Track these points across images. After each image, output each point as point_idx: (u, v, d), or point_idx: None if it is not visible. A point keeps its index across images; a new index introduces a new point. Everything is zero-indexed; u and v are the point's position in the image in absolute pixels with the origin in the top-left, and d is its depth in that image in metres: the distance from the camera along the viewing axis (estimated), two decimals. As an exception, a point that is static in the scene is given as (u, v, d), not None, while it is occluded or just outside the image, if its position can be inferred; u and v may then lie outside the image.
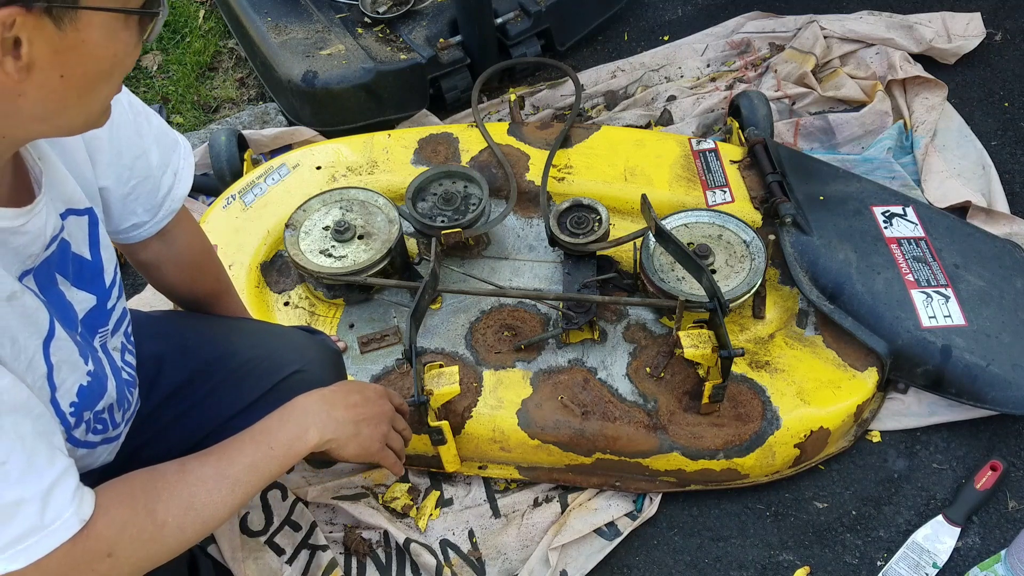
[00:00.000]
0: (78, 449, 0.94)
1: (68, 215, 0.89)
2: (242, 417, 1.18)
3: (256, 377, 1.20)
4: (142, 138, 1.02)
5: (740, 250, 1.60)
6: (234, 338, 1.25)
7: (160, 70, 2.57)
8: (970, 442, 1.56)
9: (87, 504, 0.80)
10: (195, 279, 1.25)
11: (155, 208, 1.08)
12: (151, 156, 1.04)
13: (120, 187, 1.02)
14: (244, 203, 1.81)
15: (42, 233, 0.82)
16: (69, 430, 0.89)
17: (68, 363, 0.85)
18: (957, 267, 1.62)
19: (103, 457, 1.02)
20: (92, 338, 0.94)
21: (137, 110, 1.03)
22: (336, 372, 1.32)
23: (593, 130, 1.91)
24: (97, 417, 0.95)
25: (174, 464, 0.92)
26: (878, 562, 1.43)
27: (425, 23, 2.25)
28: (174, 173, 1.08)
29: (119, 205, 1.04)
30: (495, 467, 1.55)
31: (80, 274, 0.92)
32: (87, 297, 0.93)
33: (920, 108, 2.06)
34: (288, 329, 1.35)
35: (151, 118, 1.05)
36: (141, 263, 1.19)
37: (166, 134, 1.08)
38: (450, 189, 1.70)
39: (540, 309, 1.64)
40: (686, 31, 2.41)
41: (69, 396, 0.87)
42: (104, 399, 0.94)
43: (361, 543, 1.49)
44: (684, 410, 1.48)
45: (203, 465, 0.93)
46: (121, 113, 0.99)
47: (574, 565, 1.45)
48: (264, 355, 1.23)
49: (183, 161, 1.10)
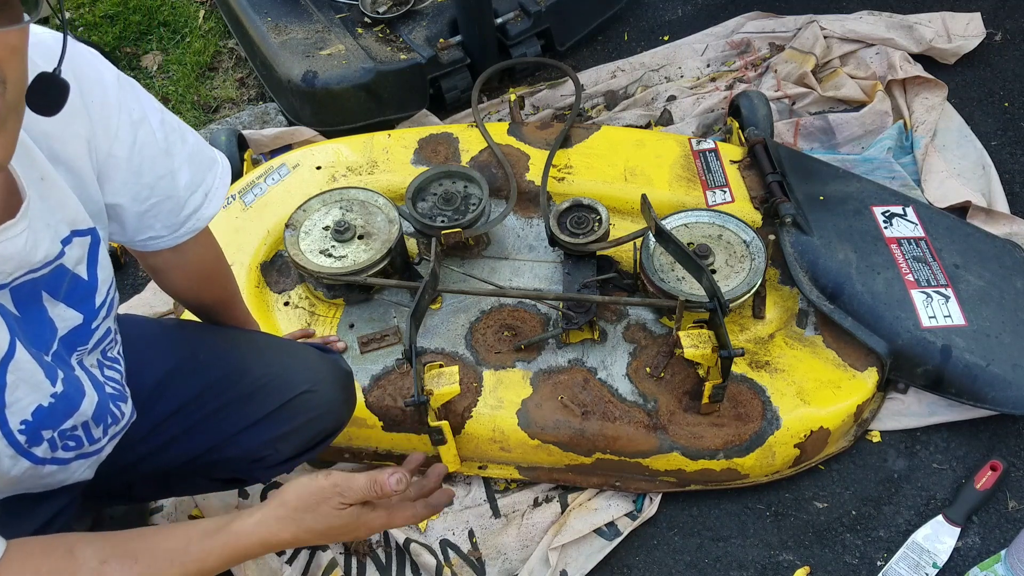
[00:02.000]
0: (44, 467, 0.91)
1: (73, 237, 0.87)
2: (245, 434, 1.18)
3: (265, 395, 1.19)
4: (171, 158, 1.00)
5: (740, 250, 1.60)
6: (247, 354, 1.24)
7: (160, 70, 2.57)
8: (970, 442, 1.56)
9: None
10: (203, 287, 1.24)
11: (176, 226, 1.05)
12: (179, 176, 1.01)
13: (136, 205, 0.99)
14: (244, 203, 1.81)
15: (19, 257, 0.79)
16: (19, 448, 0.86)
17: (27, 383, 0.83)
18: (957, 267, 1.62)
19: (80, 472, 0.99)
20: (69, 355, 0.92)
21: (170, 128, 1.00)
22: (346, 393, 1.32)
23: (593, 130, 1.91)
24: (66, 434, 0.92)
25: (95, 560, 0.83)
26: (878, 562, 1.43)
27: (425, 23, 2.25)
28: (205, 193, 1.05)
29: (135, 220, 1.01)
30: (495, 467, 1.55)
31: (73, 293, 0.90)
32: (74, 316, 0.90)
33: (920, 108, 2.06)
34: (301, 347, 1.32)
35: (186, 136, 1.03)
36: (151, 266, 1.18)
37: (202, 153, 1.05)
38: (450, 189, 1.70)
39: (540, 309, 1.64)
40: (686, 31, 2.41)
41: (21, 415, 0.84)
42: (74, 417, 0.91)
43: (361, 543, 1.49)
44: (684, 410, 1.48)
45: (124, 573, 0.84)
46: (148, 132, 0.96)
47: (574, 565, 1.45)
48: (275, 372, 1.21)
49: (218, 180, 1.07)
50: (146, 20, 2.68)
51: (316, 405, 1.22)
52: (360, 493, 0.93)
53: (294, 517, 0.92)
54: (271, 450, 1.19)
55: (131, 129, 0.95)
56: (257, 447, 1.19)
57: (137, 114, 0.96)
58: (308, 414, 1.21)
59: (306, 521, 0.92)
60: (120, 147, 0.94)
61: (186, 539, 0.89)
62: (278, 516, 0.92)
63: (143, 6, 2.71)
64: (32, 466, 0.89)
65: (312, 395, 1.21)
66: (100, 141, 0.92)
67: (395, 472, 0.94)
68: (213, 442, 1.17)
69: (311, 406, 1.21)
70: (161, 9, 2.71)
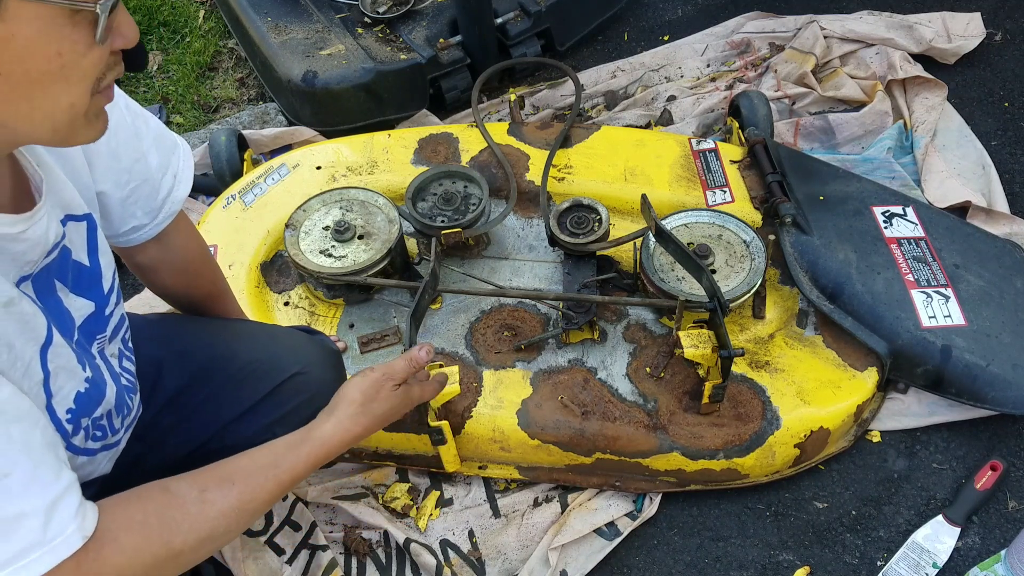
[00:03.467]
0: (78, 457, 0.93)
1: (68, 221, 0.88)
2: (241, 421, 1.18)
3: (256, 380, 1.19)
4: (140, 140, 1.02)
5: (740, 250, 1.60)
6: (233, 341, 1.25)
7: (160, 70, 2.57)
8: (970, 442, 1.56)
9: (90, 520, 0.78)
10: (191, 283, 1.25)
11: (155, 211, 1.08)
12: (150, 159, 1.04)
13: (119, 191, 1.01)
14: (244, 203, 1.81)
15: (42, 240, 0.82)
16: (67, 437, 0.88)
17: (66, 370, 0.85)
18: (957, 267, 1.62)
19: (103, 466, 1.01)
20: (90, 345, 0.94)
21: (135, 112, 1.02)
22: (336, 372, 1.32)
23: (593, 130, 1.91)
24: (96, 424, 0.94)
25: (193, 490, 0.88)
26: (878, 562, 1.43)
27: (425, 23, 2.25)
28: (174, 175, 1.08)
29: (118, 208, 1.03)
30: (495, 467, 1.55)
31: (79, 280, 0.91)
32: (85, 304, 0.92)
33: (920, 108, 2.06)
34: (287, 330, 1.35)
35: (149, 120, 1.05)
36: (138, 266, 1.19)
37: (165, 136, 1.07)
38: (450, 189, 1.70)
39: (540, 309, 1.64)
40: (686, 31, 2.41)
41: (66, 403, 0.86)
42: (102, 405, 0.93)
43: (361, 543, 1.49)
44: (684, 410, 1.48)
45: (226, 497, 0.90)
46: (119, 116, 0.98)
47: (574, 565, 1.45)
48: (264, 358, 1.22)
49: (182, 163, 1.09)
50: (146, 20, 2.68)
51: (308, 386, 1.22)
52: (404, 371, 1.11)
53: (364, 410, 1.05)
54: (269, 435, 1.18)
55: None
56: (254, 433, 1.19)
57: None
58: (301, 396, 1.21)
59: (373, 409, 1.06)
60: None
61: (273, 455, 0.97)
62: (350, 414, 1.04)
63: (143, 6, 2.70)
64: (72, 456, 0.90)
65: (303, 376, 1.22)
66: None
67: (422, 347, 1.16)
68: (210, 431, 1.17)
69: (303, 388, 1.21)
70: (161, 9, 2.71)
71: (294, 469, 0.97)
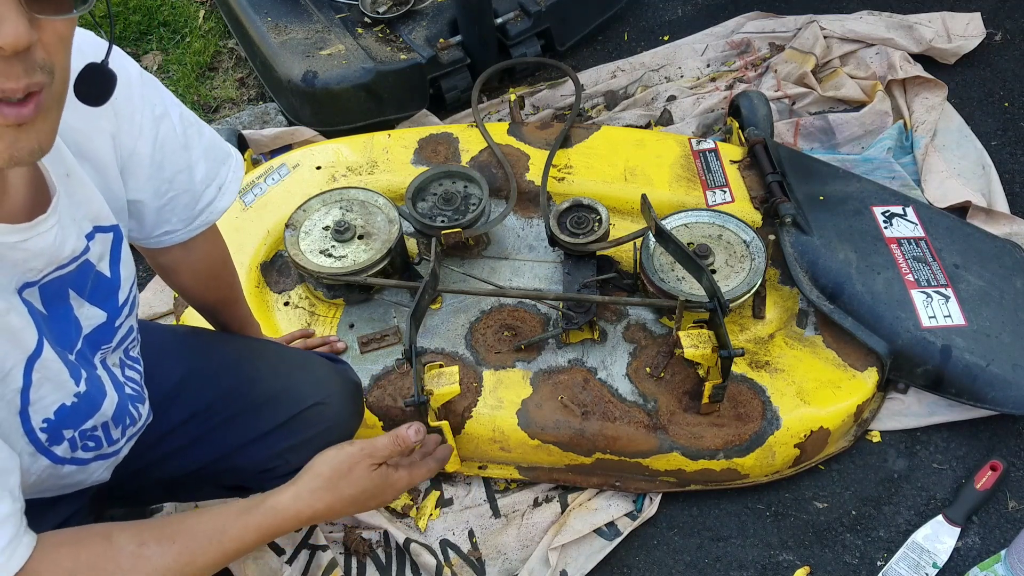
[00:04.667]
0: (64, 467, 0.92)
1: (96, 233, 0.87)
2: (254, 444, 1.18)
3: (275, 407, 1.19)
4: (189, 152, 1.01)
5: (740, 250, 1.60)
6: (259, 365, 1.24)
7: (160, 70, 2.57)
8: (970, 442, 1.56)
9: (17, 559, 0.74)
10: (209, 286, 1.25)
11: (190, 219, 1.06)
12: (196, 170, 1.02)
13: (156, 200, 1.00)
14: (244, 203, 1.81)
15: (47, 252, 0.80)
16: (40, 447, 0.86)
17: (52, 382, 0.83)
18: (957, 267, 1.62)
19: (98, 474, 1.00)
20: (93, 355, 0.93)
21: (188, 122, 1.01)
22: (355, 405, 1.33)
23: (593, 130, 1.91)
24: (87, 435, 0.93)
25: (132, 543, 0.84)
26: (878, 562, 1.43)
27: (425, 23, 2.25)
28: (219, 187, 1.06)
29: (153, 215, 1.02)
30: (495, 467, 1.55)
31: (96, 291, 0.90)
32: (98, 314, 0.91)
33: (920, 108, 2.06)
34: (312, 358, 1.32)
35: (203, 130, 1.04)
36: (159, 264, 1.19)
37: (217, 147, 1.06)
38: (450, 189, 1.70)
39: (540, 309, 1.64)
40: (686, 31, 2.41)
41: (44, 413, 0.84)
42: (95, 418, 0.92)
43: (361, 543, 1.49)
44: (684, 410, 1.48)
45: (163, 555, 0.84)
46: (169, 128, 0.97)
47: (574, 565, 1.45)
48: (287, 386, 1.22)
49: (231, 174, 1.08)
50: (146, 20, 2.68)
51: (326, 418, 1.23)
52: (386, 450, 0.99)
53: (329, 486, 0.95)
54: (280, 461, 1.20)
55: (154, 125, 0.95)
56: (267, 458, 1.20)
57: (159, 109, 0.96)
58: (318, 426, 1.21)
59: (341, 488, 0.95)
60: (144, 144, 0.95)
61: (223, 519, 0.90)
62: (313, 488, 0.94)
63: (143, 6, 2.70)
64: (51, 465, 0.90)
65: (322, 408, 1.22)
66: (125, 138, 0.93)
67: (411, 425, 1.03)
68: (223, 451, 1.18)
69: (321, 419, 1.22)
70: (161, 9, 2.71)
71: (241, 538, 0.90)
